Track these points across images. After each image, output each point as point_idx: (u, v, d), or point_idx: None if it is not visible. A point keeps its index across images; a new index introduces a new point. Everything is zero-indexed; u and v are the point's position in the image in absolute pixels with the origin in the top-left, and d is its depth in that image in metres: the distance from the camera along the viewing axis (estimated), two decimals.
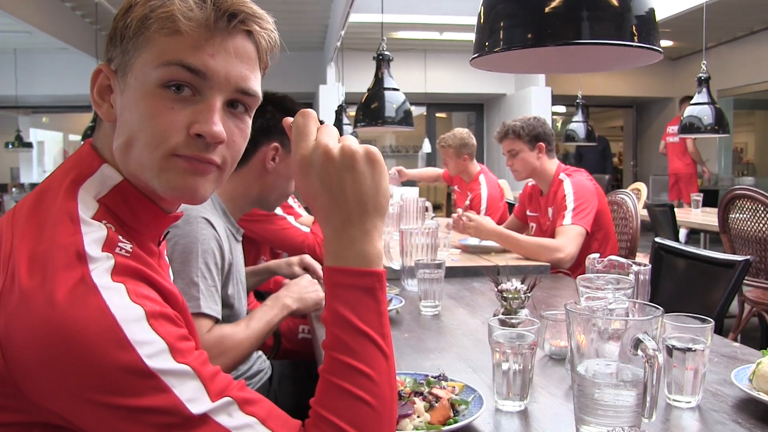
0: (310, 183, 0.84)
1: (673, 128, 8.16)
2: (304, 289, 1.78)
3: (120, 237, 0.81)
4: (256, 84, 0.89)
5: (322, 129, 0.86)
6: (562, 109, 13.27)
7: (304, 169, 0.84)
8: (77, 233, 0.77)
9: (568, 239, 2.69)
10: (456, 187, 4.74)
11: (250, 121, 0.92)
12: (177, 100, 0.83)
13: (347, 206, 0.83)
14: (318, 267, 2.12)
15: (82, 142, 5.30)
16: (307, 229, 2.69)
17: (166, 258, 1.06)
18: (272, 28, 0.90)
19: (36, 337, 0.71)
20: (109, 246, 0.78)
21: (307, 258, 2.17)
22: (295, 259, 2.17)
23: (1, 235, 0.80)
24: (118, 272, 0.76)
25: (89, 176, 0.85)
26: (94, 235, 0.78)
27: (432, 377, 1.21)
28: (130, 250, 0.80)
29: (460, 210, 3.04)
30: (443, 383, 1.19)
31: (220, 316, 1.55)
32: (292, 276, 2.09)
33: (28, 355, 0.71)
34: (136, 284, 0.77)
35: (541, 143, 3.02)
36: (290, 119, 0.88)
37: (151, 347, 0.72)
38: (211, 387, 0.75)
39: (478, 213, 4.17)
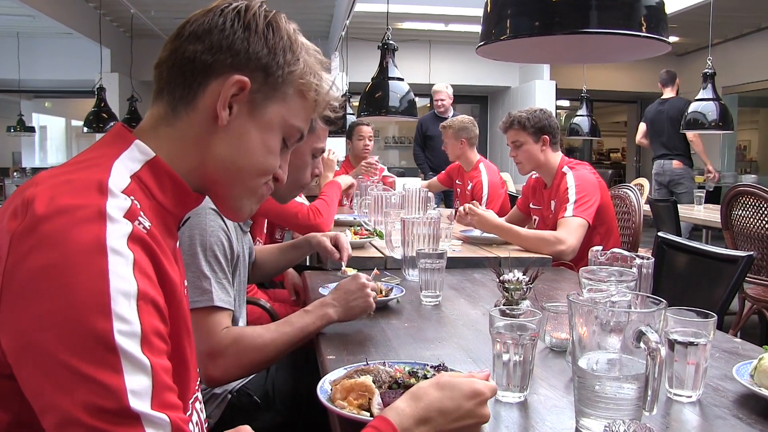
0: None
1: None
2: (351, 296, 1.60)
3: (142, 213, 0.83)
4: None
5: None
6: (566, 103, 13.23)
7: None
8: (103, 198, 0.79)
9: (569, 231, 2.68)
10: (457, 181, 4.74)
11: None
12: (282, 148, 1.03)
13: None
14: (346, 249, 2.12)
15: (84, 129, 5.26)
16: (301, 201, 2.68)
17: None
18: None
19: (32, 270, 0.73)
20: (130, 216, 0.80)
21: (342, 238, 2.15)
22: (330, 233, 2.16)
23: (22, 191, 0.82)
24: (133, 240, 0.78)
25: (123, 151, 0.90)
26: (118, 203, 0.80)
27: (431, 367, 1.20)
28: (148, 228, 0.82)
29: (466, 205, 3.03)
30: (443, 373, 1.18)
31: (233, 308, 1.52)
32: (326, 253, 2.10)
33: (18, 282, 0.73)
34: (144, 259, 0.79)
35: (546, 136, 3.00)
36: None
37: (126, 326, 0.73)
38: (157, 395, 0.74)
39: (480, 200, 4.20)
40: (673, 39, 9.35)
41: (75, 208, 0.77)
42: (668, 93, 6.53)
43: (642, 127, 6.90)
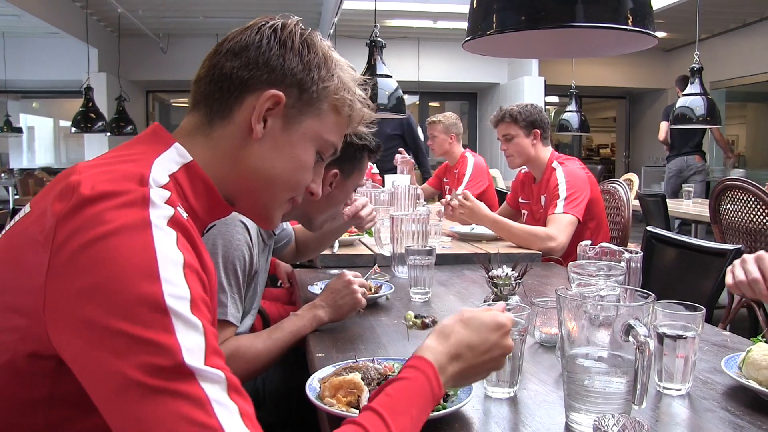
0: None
1: None
2: (339, 295, 1.61)
3: (180, 205, 0.86)
4: None
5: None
6: (555, 99, 13.26)
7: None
8: (145, 188, 0.83)
9: (559, 228, 2.68)
10: (445, 179, 4.77)
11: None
12: (316, 161, 1.06)
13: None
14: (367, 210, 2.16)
15: (72, 129, 5.20)
16: None
17: None
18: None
19: (79, 246, 0.75)
20: (170, 203, 0.84)
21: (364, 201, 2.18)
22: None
23: (65, 177, 0.84)
24: (174, 222, 0.81)
25: (163, 151, 0.93)
26: (159, 192, 0.84)
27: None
28: (186, 218, 0.86)
29: (448, 196, 3.03)
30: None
31: (239, 323, 1.52)
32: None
33: (64, 258, 0.75)
34: (184, 240, 0.82)
35: (537, 130, 3.02)
36: None
37: (176, 289, 0.75)
38: (210, 354, 0.75)
39: (463, 177, 4.27)
40: (660, 34, 9.45)
41: (120, 192, 0.80)
42: None
43: (664, 125, 7.40)
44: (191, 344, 0.74)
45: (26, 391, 0.81)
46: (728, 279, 1.38)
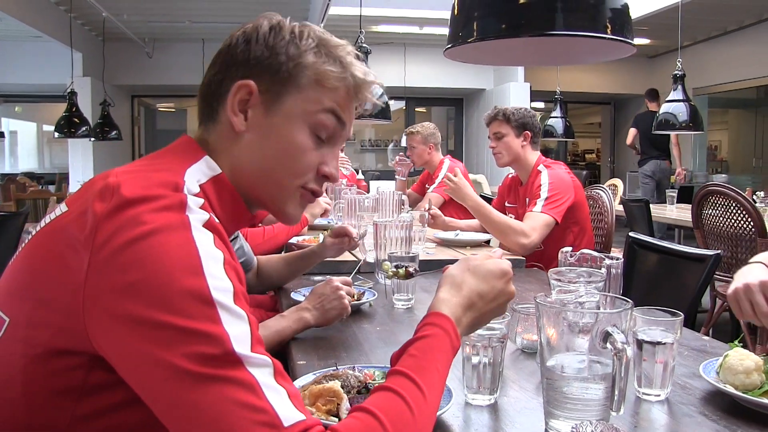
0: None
1: None
2: (327, 300, 1.61)
3: (211, 212, 0.89)
4: None
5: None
6: (540, 104, 13.32)
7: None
8: (181, 193, 0.85)
9: (533, 227, 2.71)
10: (427, 185, 4.80)
11: None
12: (318, 143, 1.02)
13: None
14: (353, 233, 2.11)
15: (56, 134, 5.13)
16: None
17: None
18: (375, 95, 1.10)
19: (120, 245, 0.77)
20: (205, 209, 0.87)
21: (346, 227, 2.14)
22: (334, 227, 2.17)
23: (104, 178, 0.86)
24: (209, 226, 0.84)
25: (194, 163, 0.96)
26: (194, 199, 0.86)
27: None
28: (218, 223, 0.88)
29: (426, 205, 3.05)
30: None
31: None
32: (349, 243, 2.09)
33: (106, 256, 0.77)
34: (219, 241, 0.84)
35: (528, 132, 3.08)
36: None
37: (220, 282, 0.78)
38: (255, 341, 0.78)
39: (436, 178, 4.37)
40: (643, 41, 9.53)
41: (159, 196, 0.82)
42: (654, 107, 7.62)
43: (632, 132, 7.99)
44: (238, 333, 0.76)
45: (56, 383, 0.82)
46: (734, 309, 1.37)
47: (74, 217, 0.84)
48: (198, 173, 0.95)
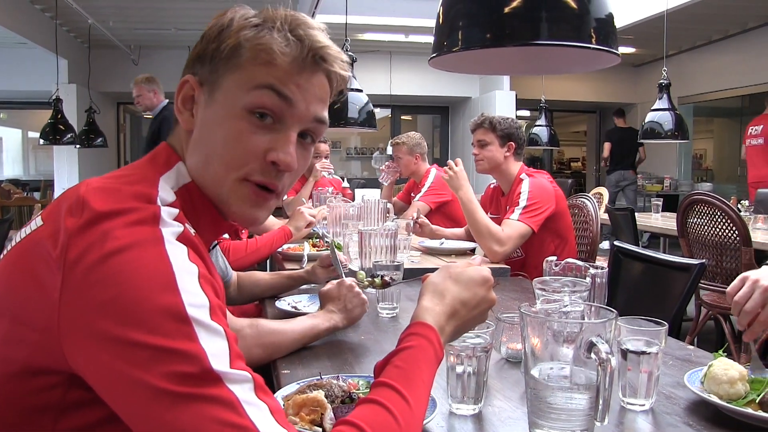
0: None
1: (756, 129, 6.65)
2: (346, 300, 1.63)
3: (187, 222, 0.86)
4: (326, 114, 1.00)
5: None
6: (526, 113, 13.39)
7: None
8: (154, 205, 0.83)
9: (510, 236, 2.72)
10: (412, 194, 4.80)
11: (312, 149, 1.02)
12: (260, 127, 0.92)
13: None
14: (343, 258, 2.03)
15: (41, 141, 5.09)
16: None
17: None
18: (347, 69, 1.00)
19: (93, 262, 0.75)
20: (179, 220, 0.84)
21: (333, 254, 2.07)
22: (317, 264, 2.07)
23: (75, 192, 0.83)
24: (183, 239, 0.82)
25: (168, 170, 0.93)
26: (168, 210, 0.84)
27: None
28: (194, 233, 0.86)
29: (414, 214, 3.05)
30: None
31: None
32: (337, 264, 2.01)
33: (79, 274, 0.75)
34: (194, 254, 0.82)
35: (512, 143, 3.07)
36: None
37: (195, 298, 0.76)
38: (234, 356, 0.76)
39: (424, 184, 4.42)
40: (629, 50, 9.59)
41: (131, 209, 0.80)
42: (621, 124, 9.50)
43: (607, 145, 9.46)
44: (215, 349, 0.74)
45: (34, 402, 0.81)
46: (736, 316, 1.35)
47: (48, 233, 0.81)
48: (171, 181, 0.92)
